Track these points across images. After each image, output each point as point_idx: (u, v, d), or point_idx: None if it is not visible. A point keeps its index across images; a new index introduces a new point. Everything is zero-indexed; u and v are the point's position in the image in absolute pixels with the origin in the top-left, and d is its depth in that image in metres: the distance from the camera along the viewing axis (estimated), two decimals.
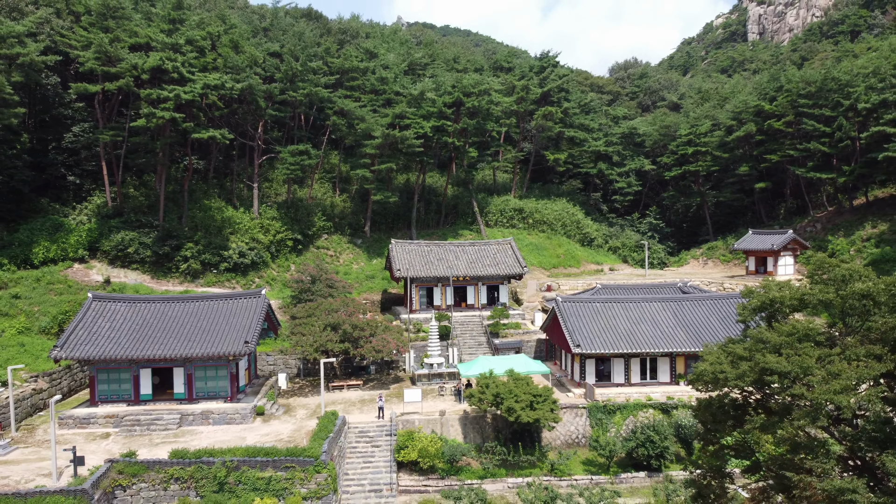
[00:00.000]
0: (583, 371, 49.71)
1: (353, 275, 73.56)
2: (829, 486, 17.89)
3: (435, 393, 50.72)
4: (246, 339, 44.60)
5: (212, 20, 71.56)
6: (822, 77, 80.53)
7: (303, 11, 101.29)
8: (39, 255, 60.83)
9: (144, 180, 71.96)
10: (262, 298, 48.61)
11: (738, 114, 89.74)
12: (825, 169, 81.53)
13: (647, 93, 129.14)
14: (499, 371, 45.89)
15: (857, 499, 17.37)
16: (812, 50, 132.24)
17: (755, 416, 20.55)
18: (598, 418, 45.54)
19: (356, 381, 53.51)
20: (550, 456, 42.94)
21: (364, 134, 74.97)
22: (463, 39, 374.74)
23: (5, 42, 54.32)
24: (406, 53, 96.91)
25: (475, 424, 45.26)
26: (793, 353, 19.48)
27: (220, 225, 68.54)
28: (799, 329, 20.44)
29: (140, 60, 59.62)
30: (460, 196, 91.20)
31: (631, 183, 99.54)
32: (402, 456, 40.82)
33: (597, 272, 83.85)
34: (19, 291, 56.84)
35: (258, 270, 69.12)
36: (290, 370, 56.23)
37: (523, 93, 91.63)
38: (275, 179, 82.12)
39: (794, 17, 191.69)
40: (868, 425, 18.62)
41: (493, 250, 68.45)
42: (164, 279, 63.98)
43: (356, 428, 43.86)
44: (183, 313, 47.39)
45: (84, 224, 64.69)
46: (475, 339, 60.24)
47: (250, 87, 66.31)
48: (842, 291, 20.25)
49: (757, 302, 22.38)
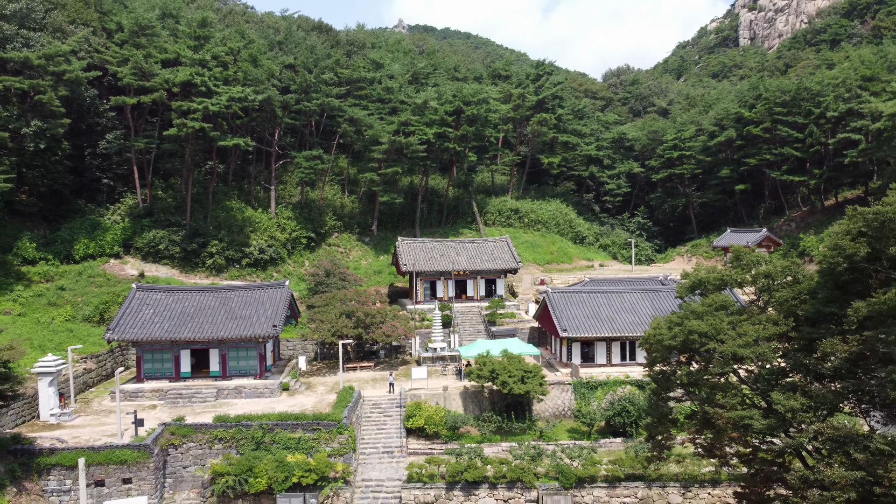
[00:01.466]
0: (569, 353, 56.16)
1: (362, 270, 79.95)
2: (734, 415, 24.15)
3: (439, 373, 57.10)
4: (273, 324, 51.06)
5: (232, 36, 77.97)
6: (795, 87, 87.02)
7: (313, 24, 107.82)
8: (80, 252, 67.24)
9: (171, 183, 78.42)
10: (286, 289, 55.07)
11: (720, 120, 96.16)
12: (798, 172, 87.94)
13: (638, 98, 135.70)
14: (495, 352, 52.17)
15: (752, 423, 23.69)
16: (796, 57, 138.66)
17: (687, 369, 26.95)
18: (582, 393, 51.92)
19: (368, 363, 59.95)
20: (539, 424, 49.36)
21: (372, 140, 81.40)
22: (463, 42, 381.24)
23: (53, 60, 60.69)
24: (410, 63, 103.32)
25: (474, 398, 51.69)
26: (711, 318, 25.77)
27: (241, 224, 74.95)
28: (716, 301, 26.74)
29: (171, 75, 66.08)
30: (461, 197, 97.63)
31: (620, 185, 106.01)
32: (411, 423, 47.16)
33: (587, 268, 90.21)
34: (64, 284, 63.37)
35: (276, 265, 75.53)
36: (309, 354, 62.62)
37: (520, 100, 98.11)
38: (288, 182, 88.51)
39: (783, 23, 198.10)
40: (764, 371, 24.90)
41: (491, 247, 74.85)
42: (191, 273, 70.40)
43: (370, 401, 50.24)
44: (217, 301, 53.82)
45: (118, 223, 71.07)
46: (474, 327, 66.60)
47: (269, 98, 72.78)
48: (751, 273, 26.57)
49: (689, 282, 28.68)
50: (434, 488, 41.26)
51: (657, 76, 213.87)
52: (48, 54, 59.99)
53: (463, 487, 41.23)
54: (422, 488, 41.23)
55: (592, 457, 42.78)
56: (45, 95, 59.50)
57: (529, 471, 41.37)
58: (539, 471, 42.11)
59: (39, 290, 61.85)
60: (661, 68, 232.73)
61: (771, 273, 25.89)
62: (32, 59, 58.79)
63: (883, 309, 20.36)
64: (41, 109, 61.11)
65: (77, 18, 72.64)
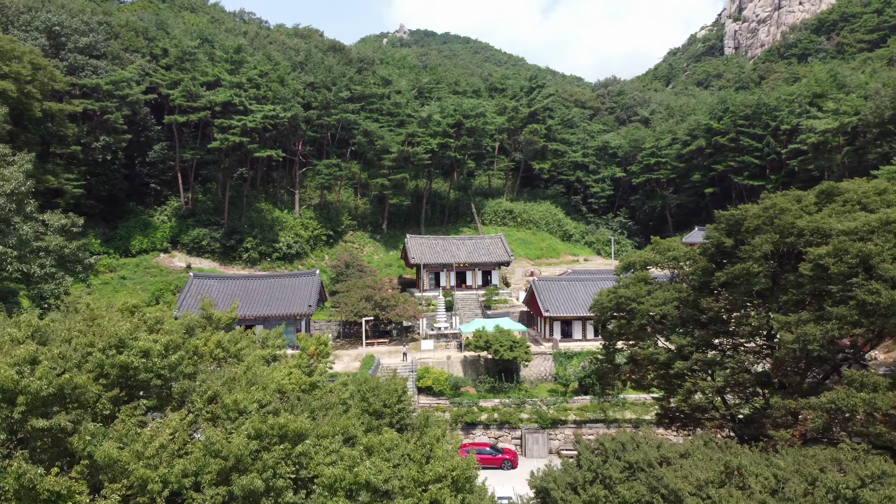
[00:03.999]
0: (551, 330, 67.78)
1: (375, 263, 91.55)
2: (647, 352, 35.52)
3: (443, 347, 68.71)
4: (309, 304, 62.68)
5: (262, 59, 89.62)
6: (756, 102, 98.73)
7: (329, 44, 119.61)
8: (136, 247, 78.84)
9: (207, 187, 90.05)
10: (317, 276, 66.74)
11: (692, 130, 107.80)
12: (759, 178, 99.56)
13: (624, 108, 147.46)
14: (489, 328, 63.68)
15: (658, 357, 35.14)
16: (769, 70, 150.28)
17: (621, 324, 38.41)
18: (560, 361, 63.47)
19: (383, 339, 71.57)
20: (525, 385, 60.95)
21: (382, 149, 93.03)
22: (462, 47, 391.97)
23: (118, 85, 72.33)
24: (415, 78, 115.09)
25: (472, 365, 63.32)
26: (634, 287, 37.09)
27: (270, 223, 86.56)
28: (638, 276, 38.05)
29: (214, 97, 77.69)
30: (461, 199, 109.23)
31: (604, 188, 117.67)
32: (421, 383, 58.67)
33: (573, 262, 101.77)
34: (125, 274, 75.02)
35: (301, 259, 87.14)
36: (333, 333, 74.21)
37: (513, 112, 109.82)
38: (308, 186, 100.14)
39: (765, 33, 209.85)
40: (668, 322, 36.30)
41: (487, 243, 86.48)
42: (230, 265, 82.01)
43: (387, 367, 61.72)
44: (260, 287, 65.42)
45: (166, 223, 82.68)
46: (472, 311, 78.19)
47: (295, 114, 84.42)
48: (664, 255, 37.94)
49: (623, 263, 40.05)
50: None
51: (647, 82, 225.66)
52: (114, 80, 71.63)
53: (463, 427, 52.84)
54: None
55: (564, 405, 54.44)
56: (112, 115, 71.19)
57: (515, 415, 53.00)
58: (523, 416, 53.75)
59: (106, 279, 73.47)
60: (652, 75, 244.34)
61: (677, 256, 37.35)
62: (102, 85, 70.45)
63: (731, 277, 31.78)
64: (107, 127, 72.78)
65: (130, 46, 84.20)
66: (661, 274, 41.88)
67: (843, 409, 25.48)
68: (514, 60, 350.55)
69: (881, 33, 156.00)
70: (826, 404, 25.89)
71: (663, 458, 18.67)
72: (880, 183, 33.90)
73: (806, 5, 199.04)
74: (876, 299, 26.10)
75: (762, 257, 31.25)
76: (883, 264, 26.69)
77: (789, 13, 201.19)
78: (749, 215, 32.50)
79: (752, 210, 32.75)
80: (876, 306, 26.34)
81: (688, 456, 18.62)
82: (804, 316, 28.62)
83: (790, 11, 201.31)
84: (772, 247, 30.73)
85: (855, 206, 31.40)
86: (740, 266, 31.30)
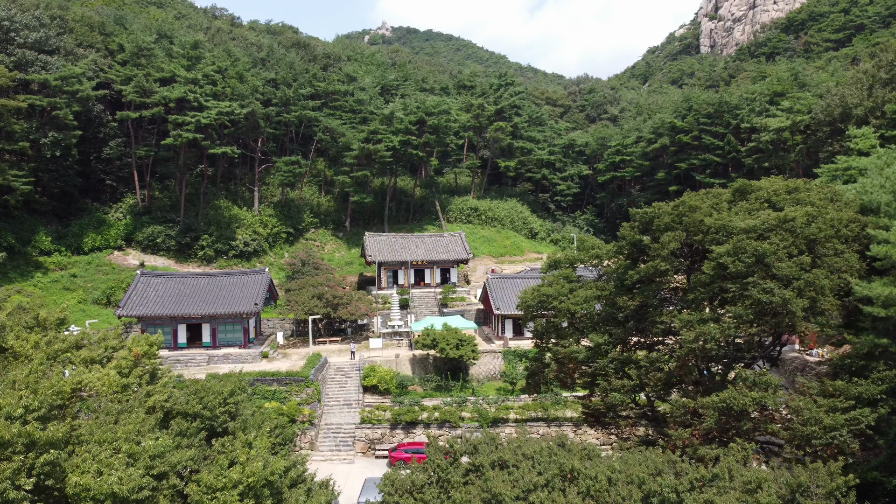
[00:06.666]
0: (503, 328, 67.67)
1: (336, 261, 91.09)
2: (567, 350, 35.42)
3: (395, 345, 68.40)
4: (255, 302, 62.17)
5: (220, 55, 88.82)
6: (718, 100, 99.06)
7: (293, 40, 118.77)
8: (88, 244, 77.93)
9: (166, 184, 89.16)
10: (266, 274, 66.19)
11: (657, 128, 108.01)
12: (720, 176, 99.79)
13: (594, 106, 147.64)
14: (439, 326, 63.45)
15: (578, 355, 35.04)
16: (739, 69, 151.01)
17: (547, 323, 38.32)
18: (509, 359, 63.33)
19: (336, 338, 71.17)
20: (473, 384, 60.76)
21: (344, 147, 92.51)
22: (445, 45, 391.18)
23: (67, 81, 71.38)
24: (381, 76, 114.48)
25: (420, 363, 63.08)
26: (557, 285, 36.95)
27: (228, 220, 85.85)
28: (562, 273, 37.93)
29: (168, 92, 76.87)
30: (427, 197, 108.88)
31: (570, 186, 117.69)
32: (367, 382, 58.31)
33: (537, 259, 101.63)
34: (76, 272, 74.19)
35: (259, 257, 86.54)
36: (286, 331, 73.71)
37: (479, 110, 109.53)
38: (271, 183, 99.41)
39: (740, 32, 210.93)
40: (587, 319, 36.21)
41: (447, 241, 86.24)
42: (185, 263, 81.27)
43: (335, 365, 61.44)
44: (208, 285, 64.82)
45: (121, 220, 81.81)
46: (429, 309, 77.93)
47: (253, 111, 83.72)
48: (588, 253, 37.80)
49: (549, 261, 39.88)
50: (381, 428, 52.63)
51: (625, 81, 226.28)
52: (64, 76, 70.69)
53: (403, 427, 52.64)
54: (371, 428, 52.59)
55: (506, 404, 54.33)
56: (61, 111, 70.28)
57: (456, 414, 52.83)
58: (465, 415, 53.58)
59: (55, 277, 72.68)
60: (630, 73, 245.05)
61: (600, 255, 37.25)
62: (51, 81, 69.51)
63: (643, 275, 31.71)
64: (57, 123, 71.84)
65: (84, 41, 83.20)
66: (590, 273, 41.78)
67: (733, 408, 25.44)
68: (496, 58, 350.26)
69: (847, 32, 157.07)
70: (718, 403, 25.86)
71: (502, 462, 18.49)
72: (794, 181, 33.92)
73: (780, 4, 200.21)
74: (769, 298, 26.08)
75: (671, 255, 31.19)
76: (778, 263, 26.67)
77: (763, 12, 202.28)
78: (661, 213, 32.44)
79: (664, 208, 32.72)
80: (769, 305, 26.33)
81: (531, 458, 18.45)
82: (705, 314, 28.58)
83: (764, 10, 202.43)
84: (678, 244, 30.70)
85: (763, 204, 31.41)
86: (650, 264, 31.25)
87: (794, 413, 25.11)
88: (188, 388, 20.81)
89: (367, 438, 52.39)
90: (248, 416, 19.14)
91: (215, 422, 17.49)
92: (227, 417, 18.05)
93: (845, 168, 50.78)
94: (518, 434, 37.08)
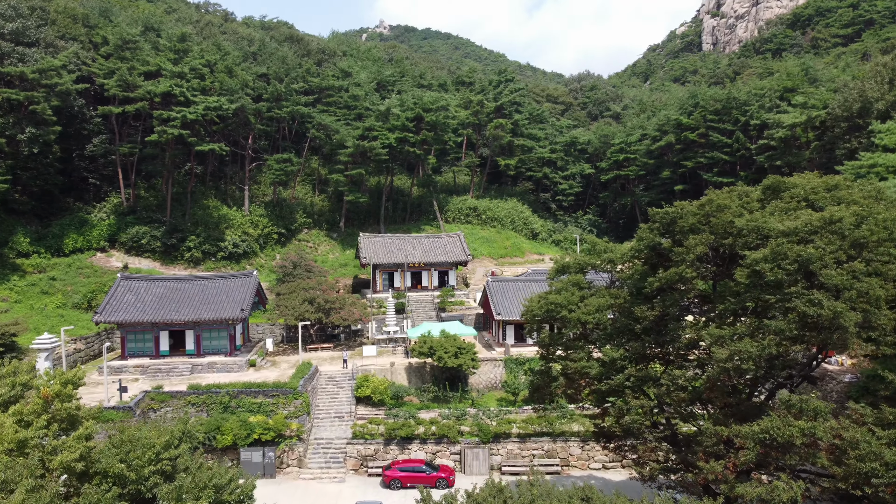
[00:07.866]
0: (504, 334, 64.11)
1: (329, 263, 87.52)
2: (578, 366, 31.92)
3: (390, 352, 64.82)
4: (241, 308, 58.57)
5: (209, 49, 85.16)
6: (726, 97, 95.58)
7: (286, 34, 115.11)
8: (69, 246, 74.26)
9: (152, 183, 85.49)
10: (253, 277, 62.58)
11: (662, 126, 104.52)
12: (728, 174, 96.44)
13: (596, 104, 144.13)
14: (436, 333, 59.92)
15: (590, 371, 31.55)
16: (744, 65, 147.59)
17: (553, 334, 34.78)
18: (511, 368, 59.85)
19: (328, 344, 67.59)
20: (472, 394, 57.19)
21: (338, 144, 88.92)
22: (443, 43, 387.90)
23: (46, 74, 67.72)
24: (377, 71, 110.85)
25: (417, 372, 59.51)
26: (566, 293, 33.48)
27: (217, 221, 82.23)
28: (572, 280, 34.46)
29: (153, 87, 73.23)
30: (424, 196, 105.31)
31: (572, 185, 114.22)
32: (360, 392, 54.71)
33: (538, 261, 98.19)
34: (55, 275, 70.52)
35: (249, 258, 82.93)
36: (276, 337, 70.15)
37: (479, 107, 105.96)
38: (262, 182, 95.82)
39: (743, 29, 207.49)
40: (600, 331, 32.73)
41: (445, 242, 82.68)
42: (171, 265, 77.65)
43: (326, 375, 57.84)
44: (192, 289, 61.20)
45: (104, 220, 78.14)
46: (427, 314, 74.40)
47: (242, 106, 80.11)
48: (600, 257, 34.34)
49: (557, 266, 36.40)
50: (374, 443, 49.06)
51: (626, 79, 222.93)
52: (42, 69, 67.03)
53: (398, 442, 49.07)
54: (364, 443, 49.03)
55: (508, 417, 50.77)
56: (38, 106, 66.63)
57: (454, 428, 49.28)
58: (463, 429, 50.02)
59: (33, 280, 69.03)
60: (630, 71, 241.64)
61: (613, 259, 33.74)
62: (28, 74, 65.86)
63: (665, 282, 28.20)
64: (35, 118, 68.18)
65: (66, 33, 79.50)
66: (599, 277, 38.18)
67: (777, 439, 21.93)
68: (495, 57, 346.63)
69: (856, 27, 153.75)
70: (760, 434, 22.34)
71: None
72: (832, 178, 30.40)
73: (783, 1, 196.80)
74: (817, 311, 22.57)
75: (697, 260, 27.70)
76: (825, 270, 23.17)
77: (767, 9, 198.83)
78: (685, 213, 28.91)
79: (688, 208, 29.21)
80: (817, 319, 22.81)
81: None
82: (738, 328, 25.07)
83: (768, 7, 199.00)
84: (706, 248, 27.19)
85: (801, 203, 27.91)
86: (673, 270, 27.74)
87: (849, 445, 21.62)
88: (112, 438, 17.21)
89: (359, 455, 48.83)
90: (187, 479, 15.54)
91: (143, 485, 14.05)
92: (160, 479, 14.53)
93: (871, 165, 47.32)
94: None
